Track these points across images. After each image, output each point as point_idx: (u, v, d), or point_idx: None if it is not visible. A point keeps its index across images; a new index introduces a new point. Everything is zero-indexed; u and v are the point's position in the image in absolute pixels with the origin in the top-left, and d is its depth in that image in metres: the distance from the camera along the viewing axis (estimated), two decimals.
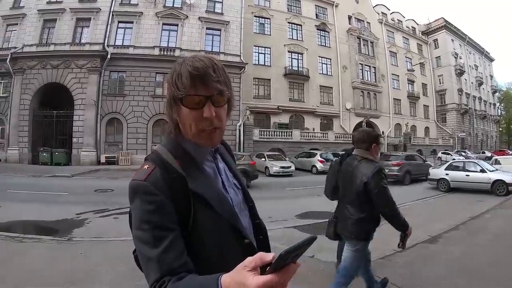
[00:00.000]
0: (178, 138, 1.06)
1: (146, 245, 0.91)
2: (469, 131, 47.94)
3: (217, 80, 0.97)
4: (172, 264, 0.89)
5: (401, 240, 2.91)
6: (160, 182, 0.94)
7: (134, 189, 0.95)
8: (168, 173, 0.97)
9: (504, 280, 4.03)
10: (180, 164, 1.00)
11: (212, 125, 0.98)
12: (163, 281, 0.86)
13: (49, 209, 8.17)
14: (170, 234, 0.92)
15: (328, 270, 4.41)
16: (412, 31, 45.58)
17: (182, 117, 1.01)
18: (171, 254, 0.90)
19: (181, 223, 0.95)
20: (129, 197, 0.96)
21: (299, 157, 23.15)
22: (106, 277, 3.91)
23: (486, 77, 56.52)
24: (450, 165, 13.58)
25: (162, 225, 0.92)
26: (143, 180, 0.94)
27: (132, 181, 0.96)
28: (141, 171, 0.98)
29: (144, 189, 0.93)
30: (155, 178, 0.95)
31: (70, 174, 15.91)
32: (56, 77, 21.69)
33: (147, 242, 0.91)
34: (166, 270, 0.88)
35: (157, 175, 0.95)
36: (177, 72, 0.98)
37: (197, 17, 24.64)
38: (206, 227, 0.98)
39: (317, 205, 9.78)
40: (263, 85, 30.39)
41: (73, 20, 22.73)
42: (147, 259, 0.91)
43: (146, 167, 0.99)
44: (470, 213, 8.23)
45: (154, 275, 0.88)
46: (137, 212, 0.93)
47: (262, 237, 1.20)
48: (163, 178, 0.95)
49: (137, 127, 22.48)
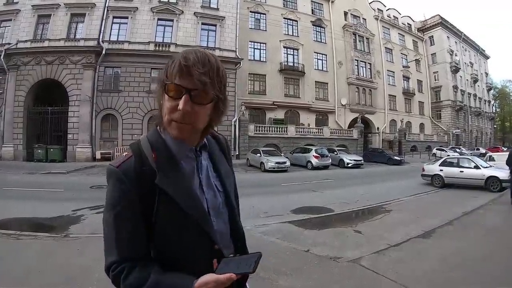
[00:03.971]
0: (161, 129, 1.06)
1: (108, 227, 0.98)
2: (463, 128, 48.25)
3: (203, 75, 0.94)
4: (132, 252, 0.96)
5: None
6: (131, 172, 0.97)
7: (108, 173, 1.00)
8: (141, 165, 0.99)
9: (496, 274, 4.11)
10: (156, 157, 1.00)
11: (182, 120, 0.96)
12: (122, 267, 0.94)
13: (45, 206, 8.15)
14: (131, 223, 0.97)
15: (323, 263, 4.47)
16: (408, 28, 45.69)
17: (163, 104, 1.00)
18: (131, 242, 0.97)
19: (144, 214, 0.97)
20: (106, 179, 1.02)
21: (294, 153, 23.19)
22: (103, 273, 3.88)
23: (481, 74, 56.86)
24: (444, 161, 13.66)
25: (125, 212, 0.96)
26: (116, 167, 0.98)
27: (108, 165, 1.01)
28: (119, 158, 1.02)
29: (116, 176, 0.98)
30: (127, 167, 0.98)
31: (65, 171, 15.83)
32: (51, 73, 21.49)
33: (110, 225, 0.97)
34: (125, 256, 0.95)
35: (130, 165, 0.99)
36: (173, 60, 0.98)
37: (192, 12, 24.50)
38: (169, 223, 0.99)
39: (312, 200, 9.92)
40: (259, 80, 30.33)
41: (67, 16, 22.49)
42: (108, 240, 0.98)
43: (125, 154, 1.03)
44: (464, 209, 8.32)
45: (112, 257, 0.96)
46: (107, 194, 0.99)
47: (239, 243, 1.19)
48: (134, 168, 0.98)
49: (132, 123, 22.38)
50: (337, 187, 12.92)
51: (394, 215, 8.13)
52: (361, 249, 5.15)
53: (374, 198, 10.18)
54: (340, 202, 9.61)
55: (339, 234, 6.30)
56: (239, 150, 24.81)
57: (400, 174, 18.34)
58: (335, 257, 4.77)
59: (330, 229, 6.87)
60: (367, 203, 9.60)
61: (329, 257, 4.76)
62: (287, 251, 4.91)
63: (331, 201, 9.62)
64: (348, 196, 10.59)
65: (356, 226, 6.97)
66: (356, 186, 13.33)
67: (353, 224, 7.20)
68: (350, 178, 16.24)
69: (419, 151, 37.53)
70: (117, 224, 0.96)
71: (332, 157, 22.07)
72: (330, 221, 7.68)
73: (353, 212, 8.63)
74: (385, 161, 25.78)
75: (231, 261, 1.01)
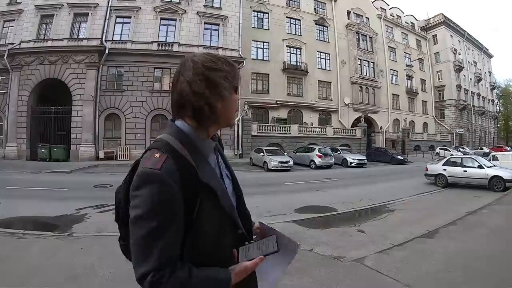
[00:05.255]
0: (186, 129, 1.08)
1: (148, 234, 0.91)
2: (467, 127, 48.00)
3: None
4: (171, 256, 0.93)
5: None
6: (175, 173, 0.95)
7: (147, 177, 0.94)
8: (180, 163, 0.98)
9: (501, 274, 4.09)
10: (192, 154, 1.03)
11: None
12: (162, 274, 0.90)
13: (48, 205, 8.18)
14: (175, 226, 0.95)
15: (326, 263, 4.46)
16: (411, 27, 45.48)
17: (228, 104, 1.08)
18: (172, 246, 0.94)
19: (186, 211, 0.97)
20: (135, 182, 0.96)
21: (297, 152, 23.15)
22: (107, 271, 3.94)
23: (485, 73, 56.60)
24: (448, 161, 13.60)
25: (171, 216, 0.94)
26: (158, 169, 0.94)
27: (145, 169, 0.96)
28: (153, 160, 0.97)
29: (159, 179, 0.93)
30: (169, 168, 0.95)
31: (69, 170, 15.88)
32: (54, 73, 21.60)
33: (151, 231, 0.91)
34: (164, 261, 0.91)
35: (171, 165, 0.96)
36: (230, 65, 1.10)
37: (195, 11, 24.53)
38: (210, 216, 1.02)
39: (315, 199, 9.89)
40: (262, 80, 30.31)
41: (70, 16, 22.59)
42: (145, 247, 0.92)
43: (157, 155, 0.98)
44: (467, 209, 8.29)
45: (148, 265, 0.90)
46: (147, 199, 0.92)
47: (247, 225, 1.23)
48: (177, 169, 0.97)
49: (135, 122, 22.46)
50: (340, 187, 12.88)
51: (398, 215, 8.10)
52: (365, 249, 5.13)
53: (377, 198, 10.14)
54: (343, 201, 9.58)
55: (342, 233, 6.28)
56: (242, 149, 24.82)
57: (404, 173, 18.27)
58: (338, 256, 4.77)
59: (333, 228, 6.85)
60: (371, 202, 9.57)
61: (333, 257, 4.76)
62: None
63: (335, 201, 9.60)
64: (352, 196, 10.56)
65: (359, 226, 6.96)
66: (360, 185, 13.30)
67: (356, 224, 7.19)
68: (353, 177, 16.20)
69: (422, 151, 37.42)
70: (160, 230, 0.92)
71: (335, 157, 22.03)
72: (333, 221, 7.67)
73: (356, 212, 8.61)
74: (389, 160, 25.70)
75: (250, 248, 1.10)
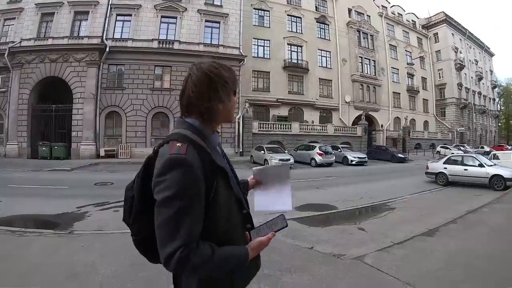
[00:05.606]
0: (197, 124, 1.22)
1: (178, 212, 1.03)
2: (468, 126, 48.00)
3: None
4: (197, 233, 1.07)
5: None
6: (197, 158, 1.09)
7: (175, 162, 1.06)
8: (199, 150, 1.13)
9: (500, 273, 4.09)
10: (206, 144, 1.18)
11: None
12: (188, 250, 1.01)
13: (49, 203, 8.19)
14: (199, 204, 1.08)
15: (326, 261, 4.47)
16: (412, 25, 45.37)
17: (227, 106, 1.25)
18: (198, 224, 1.08)
19: (207, 193, 1.11)
20: (162, 169, 1.07)
21: (298, 150, 23.15)
22: (108, 269, 3.96)
23: (486, 72, 56.48)
24: (448, 159, 13.58)
25: (198, 197, 1.08)
26: (184, 154, 1.07)
27: (172, 155, 1.08)
28: (177, 148, 1.10)
29: (186, 163, 1.06)
30: (192, 153, 1.09)
31: (69, 168, 15.89)
32: (55, 71, 21.59)
33: (180, 210, 1.03)
34: (191, 238, 1.04)
35: (193, 151, 1.10)
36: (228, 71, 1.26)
37: (196, 9, 24.49)
38: (222, 198, 1.16)
39: (316, 197, 9.89)
40: (263, 77, 30.29)
41: (71, 14, 22.55)
42: (174, 225, 1.03)
43: (179, 145, 1.11)
44: (468, 207, 8.30)
45: (176, 242, 1.02)
46: (175, 181, 1.04)
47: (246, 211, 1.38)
48: (198, 155, 1.11)
49: (136, 120, 22.46)
50: (340, 185, 12.89)
51: (398, 213, 8.10)
52: (365, 247, 5.14)
53: (378, 196, 10.15)
54: (344, 199, 9.59)
55: (343, 231, 6.29)
56: (243, 147, 24.82)
57: (404, 171, 18.27)
58: (339, 254, 4.77)
59: (334, 226, 6.87)
60: (371, 200, 9.57)
61: (333, 254, 4.77)
62: (291, 248, 4.90)
63: (335, 199, 9.60)
64: (352, 194, 10.57)
65: (360, 224, 6.96)
66: (360, 183, 13.31)
67: (357, 222, 7.19)
68: (354, 175, 16.21)
69: (423, 149, 37.39)
70: (188, 209, 1.04)
71: (336, 155, 22.05)
72: (334, 219, 7.68)
73: (357, 210, 8.63)
74: (389, 158, 25.72)
75: (260, 229, 1.27)
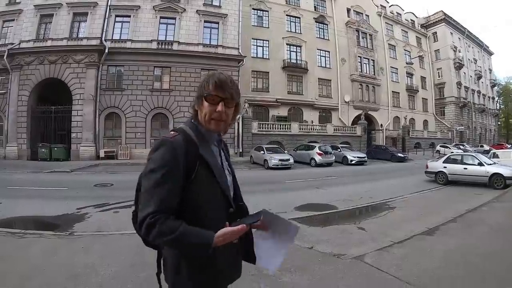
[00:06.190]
0: (196, 123, 1.47)
1: (153, 183, 1.26)
2: (467, 125, 48.03)
3: (231, 89, 1.41)
4: (168, 205, 1.25)
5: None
6: (181, 143, 1.34)
7: (162, 142, 1.34)
8: (187, 139, 1.37)
9: (499, 272, 4.09)
10: (196, 137, 1.40)
11: (220, 118, 1.41)
12: (158, 217, 1.20)
13: (49, 204, 8.18)
14: (174, 181, 1.28)
15: (326, 260, 4.47)
16: (411, 24, 45.41)
17: (202, 109, 1.43)
18: (170, 197, 1.27)
19: (185, 175, 1.31)
20: (153, 148, 1.35)
21: (297, 150, 23.14)
22: (108, 270, 3.95)
23: (485, 70, 56.52)
24: (448, 158, 13.59)
25: (173, 171, 1.28)
26: (171, 138, 1.35)
27: (162, 137, 1.37)
28: (170, 134, 1.39)
29: (170, 144, 1.33)
30: (178, 140, 1.35)
31: (69, 169, 15.89)
32: (54, 72, 21.59)
33: (155, 181, 1.26)
34: (162, 208, 1.23)
35: (180, 138, 1.36)
36: (206, 79, 1.42)
37: (194, 10, 24.47)
38: (203, 184, 1.37)
39: (315, 197, 9.90)
40: (262, 78, 30.30)
41: (70, 15, 22.54)
42: (149, 194, 1.26)
43: (172, 133, 1.40)
44: (468, 206, 8.26)
45: (149, 208, 1.22)
46: (157, 158, 1.30)
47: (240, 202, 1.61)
48: (183, 141, 1.35)
49: (135, 121, 22.46)
50: (340, 184, 12.89)
51: (398, 212, 8.11)
52: (365, 246, 5.14)
53: (377, 195, 10.15)
54: (343, 199, 9.59)
55: (342, 231, 6.29)
56: (243, 147, 24.80)
57: (404, 171, 18.28)
58: (338, 254, 4.77)
59: (333, 226, 6.86)
60: (371, 200, 9.57)
61: (333, 254, 4.76)
62: (290, 248, 4.87)
63: (335, 198, 9.61)
64: (352, 193, 10.57)
65: (359, 223, 6.96)
66: (360, 183, 13.32)
67: (356, 221, 7.18)
68: (353, 175, 16.22)
69: (422, 148, 37.39)
70: (163, 181, 1.26)
71: (336, 154, 22.06)
72: (333, 218, 7.68)
73: (356, 209, 8.63)
74: (389, 158, 25.74)
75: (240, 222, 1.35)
